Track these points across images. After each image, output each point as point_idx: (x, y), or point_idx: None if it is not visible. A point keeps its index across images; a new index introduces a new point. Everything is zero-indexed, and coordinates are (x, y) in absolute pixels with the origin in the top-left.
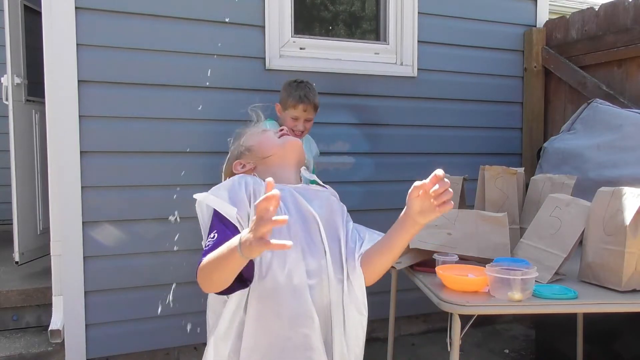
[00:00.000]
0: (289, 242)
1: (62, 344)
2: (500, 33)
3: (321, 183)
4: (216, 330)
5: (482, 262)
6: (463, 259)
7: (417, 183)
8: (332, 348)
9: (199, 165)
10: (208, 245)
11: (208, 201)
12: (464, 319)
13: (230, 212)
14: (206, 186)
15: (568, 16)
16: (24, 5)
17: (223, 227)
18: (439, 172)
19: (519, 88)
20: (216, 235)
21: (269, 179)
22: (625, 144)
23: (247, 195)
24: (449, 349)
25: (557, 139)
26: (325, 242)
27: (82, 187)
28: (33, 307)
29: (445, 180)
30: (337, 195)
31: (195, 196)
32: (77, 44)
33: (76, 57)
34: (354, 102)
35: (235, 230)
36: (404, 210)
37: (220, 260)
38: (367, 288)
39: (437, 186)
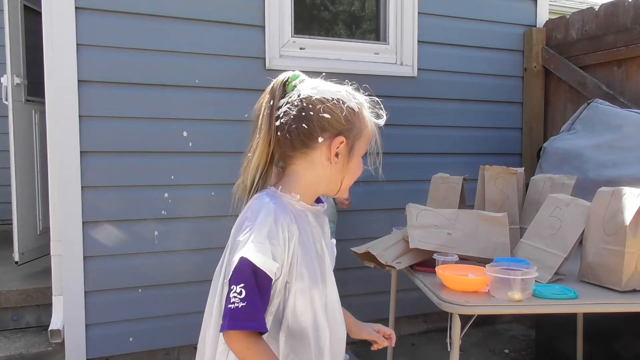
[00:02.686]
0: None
1: (62, 344)
2: (500, 33)
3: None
4: None
5: (482, 262)
6: (463, 259)
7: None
8: None
9: (199, 165)
10: (235, 303)
11: (255, 260)
12: (464, 319)
13: (271, 269)
14: (207, 186)
15: (568, 16)
16: (24, 5)
17: (252, 282)
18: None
19: (519, 88)
20: (244, 292)
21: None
22: (625, 144)
23: (283, 240)
24: (449, 349)
25: (557, 139)
26: (330, 272)
27: (82, 187)
28: (33, 307)
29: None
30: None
31: (245, 256)
32: (77, 44)
33: (76, 57)
34: None
35: (264, 286)
36: (357, 322)
37: None
38: (367, 287)
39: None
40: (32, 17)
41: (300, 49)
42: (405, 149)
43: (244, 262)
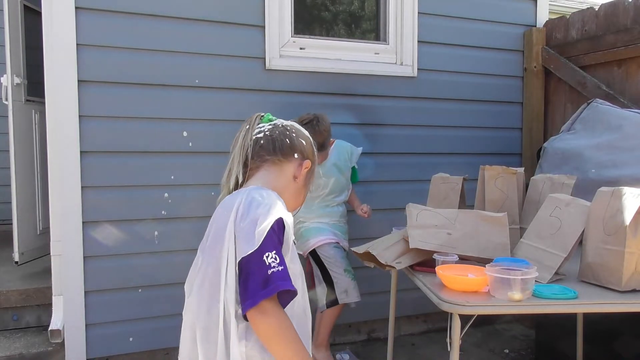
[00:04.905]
0: None
1: (62, 344)
2: (500, 33)
3: None
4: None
5: (482, 262)
6: (463, 259)
7: None
8: None
9: (199, 165)
10: (275, 267)
11: (288, 220)
12: (464, 319)
13: (290, 233)
14: (207, 186)
15: (568, 16)
16: (24, 5)
17: (280, 247)
18: None
19: (519, 88)
20: (278, 257)
21: None
22: (625, 144)
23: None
24: (449, 349)
25: (557, 139)
26: None
27: (82, 187)
28: (33, 307)
29: None
30: None
31: (281, 216)
32: (77, 44)
33: (76, 57)
34: (354, 102)
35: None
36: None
37: (289, 354)
38: (367, 287)
39: None
40: (32, 17)
41: (300, 49)
42: (405, 149)
43: (277, 225)
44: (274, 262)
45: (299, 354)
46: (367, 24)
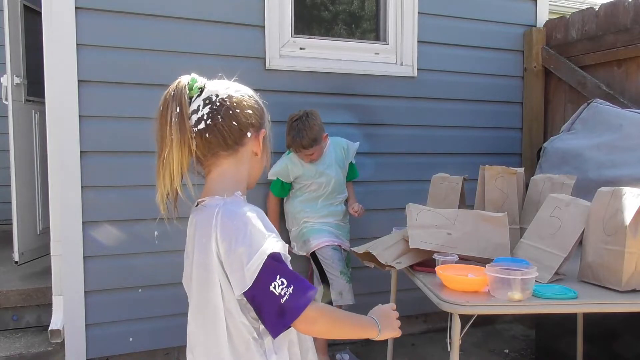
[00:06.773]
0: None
1: (62, 344)
2: (500, 33)
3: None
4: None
5: (482, 262)
6: (463, 259)
7: None
8: None
9: None
10: (286, 294)
11: (275, 249)
12: (464, 319)
13: (287, 254)
14: None
15: (568, 16)
16: (24, 5)
17: (281, 267)
18: None
19: (519, 88)
20: (284, 280)
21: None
22: (625, 144)
23: (273, 228)
24: (449, 349)
25: (557, 139)
26: None
27: (82, 187)
28: (33, 307)
29: None
30: None
31: (271, 252)
32: (77, 44)
33: (76, 57)
34: (354, 102)
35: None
36: None
37: (353, 329)
38: (367, 287)
39: None
40: (32, 17)
41: (300, 49)
42: (405, 149)
43: (271, 257)
44: (283, 289)
45: (357, 325)
46: (367, 24)
